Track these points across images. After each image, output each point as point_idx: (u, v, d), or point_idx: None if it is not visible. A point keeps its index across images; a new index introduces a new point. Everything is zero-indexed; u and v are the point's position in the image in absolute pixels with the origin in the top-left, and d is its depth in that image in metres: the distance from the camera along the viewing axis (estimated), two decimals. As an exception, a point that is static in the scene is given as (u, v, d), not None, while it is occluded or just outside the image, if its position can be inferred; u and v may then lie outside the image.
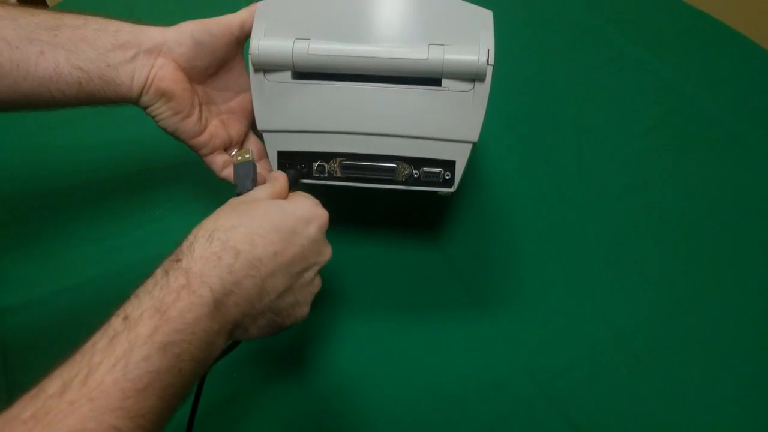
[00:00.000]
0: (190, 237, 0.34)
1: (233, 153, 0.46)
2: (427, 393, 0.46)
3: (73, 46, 0.39)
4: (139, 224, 0.55)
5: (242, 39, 0.43)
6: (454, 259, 0.53)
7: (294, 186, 0.42)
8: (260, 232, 0.35)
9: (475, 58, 0.39)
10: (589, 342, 0.48)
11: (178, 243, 0.34)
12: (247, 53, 0.41)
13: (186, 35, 0.41)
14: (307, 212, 0.38)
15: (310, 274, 0.38)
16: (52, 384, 0.27)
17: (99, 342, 0.29)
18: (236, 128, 0.47)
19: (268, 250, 0.34)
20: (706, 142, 0.63)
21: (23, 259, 0.53)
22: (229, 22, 0.42)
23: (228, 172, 0.45)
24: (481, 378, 0.47)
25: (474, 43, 0.40)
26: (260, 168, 0.45)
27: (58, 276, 0.51)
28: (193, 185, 0.57)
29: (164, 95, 0.42)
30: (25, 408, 0.26)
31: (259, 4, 0.41)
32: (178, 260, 0.32)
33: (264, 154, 0.46)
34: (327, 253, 0.39)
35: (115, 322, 0.30)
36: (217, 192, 0.43)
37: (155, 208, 0.56)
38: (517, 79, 0.69)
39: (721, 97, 0.66)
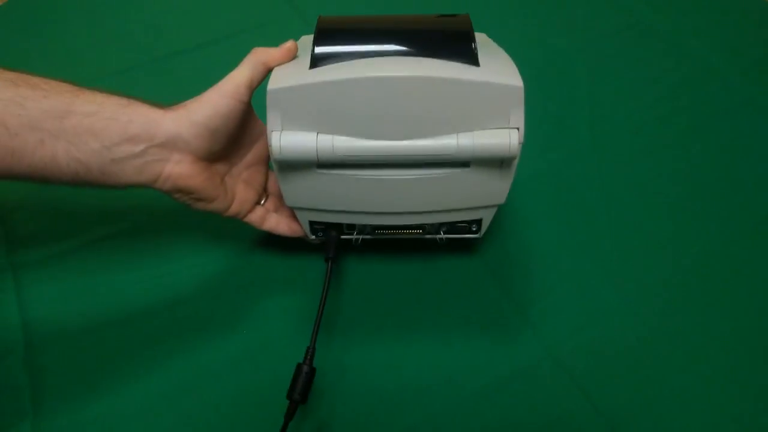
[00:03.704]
0: None
1: (263, 202, 0.46)
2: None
3: (75, 138, 0.36)
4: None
5: (251, 96, 0.40)
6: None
7: (333, 247, 0.44)
8: None
9: (506, 142, 0.37)
10: (597, 307, 0.48)
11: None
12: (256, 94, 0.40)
13: (200, 126, 0.38)
14: None
15: None
16: None
17: None
18: (258, 180, 0.46)
19: None
20: (723, 109, 0.61)
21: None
22: (236, 90, 0.39)
23: (269, 225, 0.46)
24: (488, 339, 0.47)
25: (504, 124, 0.37)
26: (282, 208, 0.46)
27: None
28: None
29: (183, 190, 0.40)
30: None
31: (269, 93, 0.37)
32: None
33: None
34: None
35: None
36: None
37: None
38: (532, 44, 0.68)
39: (739, 63, 0.65)
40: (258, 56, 0.40)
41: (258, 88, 0.41)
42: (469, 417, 0.43)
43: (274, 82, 0.38)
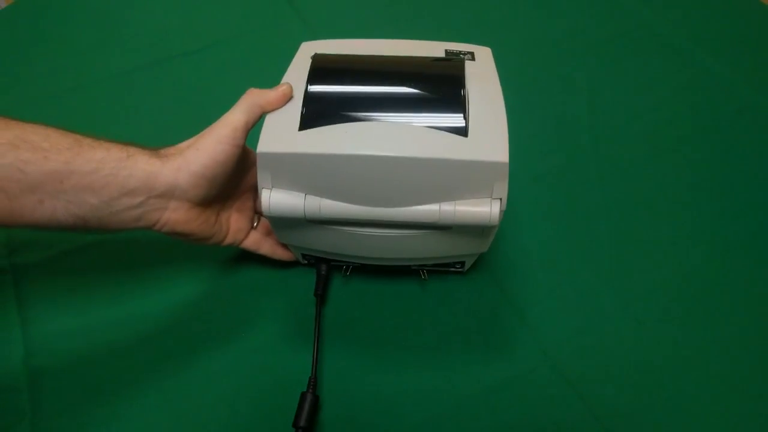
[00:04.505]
0: None
1: (255, 225, 0.47)
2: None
3: (75, 197, 0.36)
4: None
5: (246, 137, 0.40)
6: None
7: (322, 283, 0.47)
8: None
9: (487, 212, 0.38)
10: (596, 310, 0.48)
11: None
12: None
13: (198, 177, 0.38)
14: None
15: None
16: None
17: None
18: (250, 205, 0.46)
19: None
20: (724, 114, 0.61)
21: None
22: (233, 134, 0.39)
23: (266, 249, 0.47)
24: (485, 342, 0.47)
25: (487, 195, 0.38)
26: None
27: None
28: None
29: (180, 234, 0.40)
30: None
31: (259, 155, 0.38)
32: None
33: None
34: None
35: None
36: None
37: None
38: (531, 47, 0.68)
39: (739, 69, 0.65)
40: (253, 98, 0.40)
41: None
42: (466, 421, 0.43)
43: (264, 143, 0.38)
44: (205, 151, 0.38)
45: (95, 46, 0.69)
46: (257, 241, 0.46)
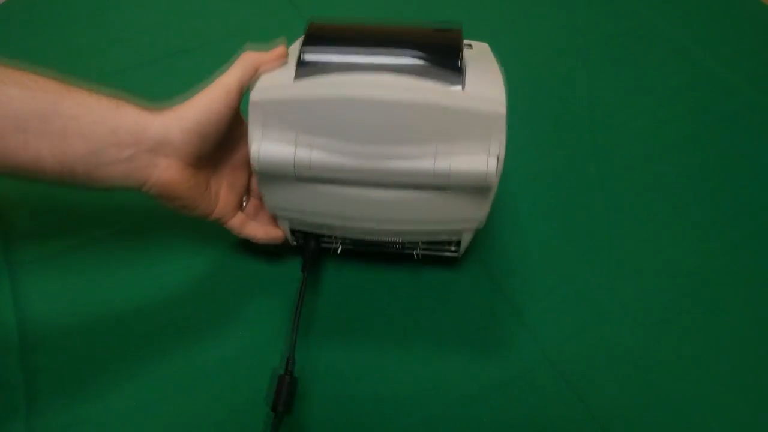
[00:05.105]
0: None
1: (244, 204, 0.46)
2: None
3: (61, 141, 0.35)
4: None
5: (240, 99, 0.40)
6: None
7: (310, 258, 0.45)
8: None
9: (483, 170, 0.36)
10: (595, 310, 0.48)
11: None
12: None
13: (190, 133, 0.38)
14: None
15: None
16: None
17: None
18: (241, 181, 0.46)
19: None
20: (724, 114, 0.61)
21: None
22: (227, 94, 0.38)
23: (248, 231, 0.45)
24: (483, 341, 0.46)
25: (484, 150, 0.36)
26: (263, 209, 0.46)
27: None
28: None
29: (169, 196, 0.40)
30: None
31: (251, 104, 0.37)
32: None
33: None
34: None
35: None
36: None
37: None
38: (533, 47, 0.68)
39: (739, 69, 0.65)
40: (248, 60, 0.40)
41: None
42: (465, 421, 0.42)
43: (257, 93, 0.38)
44: (198, 108, 0.38)
45: (91, 43, 0.68)
46: (242, 222, 0.45)
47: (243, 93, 0.40)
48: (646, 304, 0.48)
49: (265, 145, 0.37)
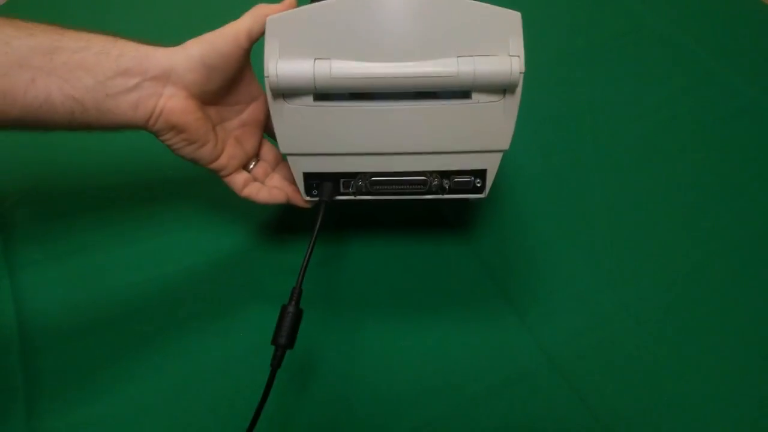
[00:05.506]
0: None
1: (251, 166, 0.46)
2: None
3: (68, 74, 0.35)
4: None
5: (250, 47, 0.40)
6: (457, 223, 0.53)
7: (330, 199, 0.42)
8: None
9: (508, 68, 0.37)
10: (596, 311, 0.48)
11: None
12: (255, 55, 0.39)
13: (195, 60, 0.38)
14: None
15: None
16: None
17: None
18: (251, 142, 0.45)
19: None
20: (725, 115, 0.61)
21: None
22: (236, 34, 0.39)
23: (249, 191, 0.45)
24: (484, 342, 0.47)
25: (504, 51, 0.38)
26: (279, 174, 0.46)
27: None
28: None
29: (175, 128, 0.39)
30: None
31: (268, 21, 0.38)
32: None
33: (280, 160, 0.46)
34: None
35: None
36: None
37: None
38: (533, 48, 0.68)
39: (739, 69, 0.65)
40: (260, 10, 0.40)
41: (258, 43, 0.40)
42: (466, 421, 0.42)
43: (273, 16, 0.38)
44: (203, 42, 0.39)
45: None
46: (245, 181, 0.44)
47: (252, 38, 0.40)
48: (648, 305, 0.48)
49: (283, 61, 0.37)
